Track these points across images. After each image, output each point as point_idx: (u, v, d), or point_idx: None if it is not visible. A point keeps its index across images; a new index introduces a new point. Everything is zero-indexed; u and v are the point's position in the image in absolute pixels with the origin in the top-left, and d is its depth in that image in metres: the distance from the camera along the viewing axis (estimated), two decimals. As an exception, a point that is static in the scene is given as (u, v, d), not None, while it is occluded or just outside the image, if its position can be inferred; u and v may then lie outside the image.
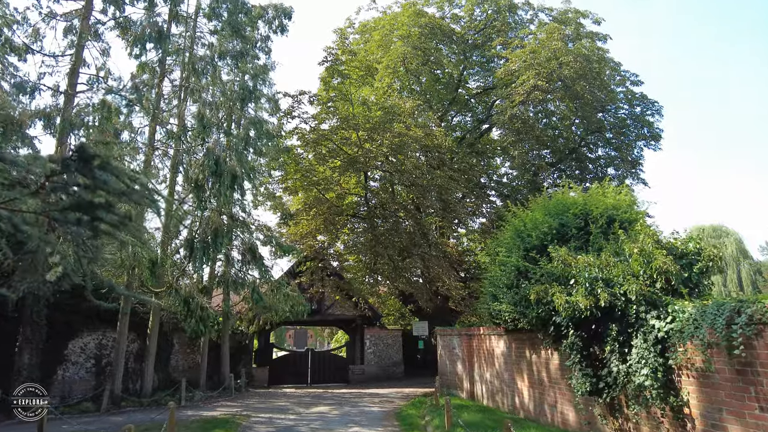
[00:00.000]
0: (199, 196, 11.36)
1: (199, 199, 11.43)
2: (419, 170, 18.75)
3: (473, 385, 14.69)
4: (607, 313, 7.49)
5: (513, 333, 11.78)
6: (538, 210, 11.01)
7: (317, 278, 19.40)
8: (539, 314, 8.98)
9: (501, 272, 11.19)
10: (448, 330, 16.93)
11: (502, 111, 23.29)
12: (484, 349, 13.91)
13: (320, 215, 19.01)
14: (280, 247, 15.61)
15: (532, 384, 10.86)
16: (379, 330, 23.40)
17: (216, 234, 11.40)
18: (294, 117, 18.25)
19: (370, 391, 18.43)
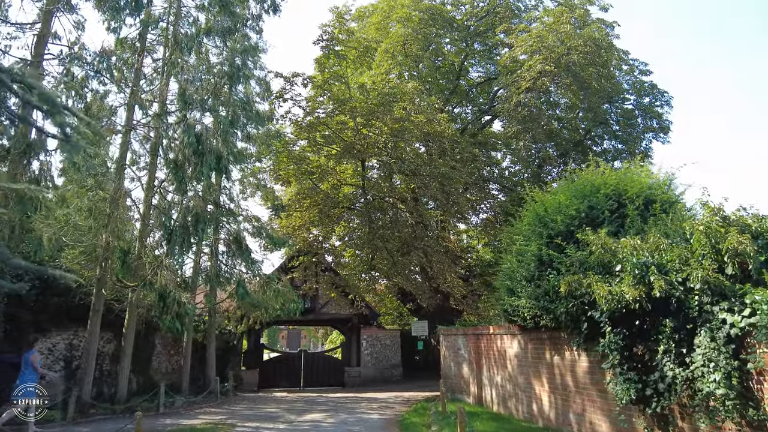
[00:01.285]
0: (178, 178, 10.04)
1: (179, 180, 10.10)
2: (420, 159, 17.49)
3: (481, 390, 13.42)
4: (658, 306, 6.23)
5: (530, 332, 10.52)
6: (561, 192, 9.77)
7: (311, 274, 18.09)
8: (569, 309, 7.72)
9: (518, 263, 9.94)
10: (453, 329, 15.66)
11: (507, 99, 22.05)
12: (495, 350, 12.64)
13: (314, 207, 17.69)
14: (270, 239, 14.27)
15: (554, 389, 9.60)
16: (377, 330, 22.08)
17: (197, 220, 10.07)
18: (286, 100, 16.96)
19: (367, 396, 17.12)
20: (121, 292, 13.62)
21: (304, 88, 17.31)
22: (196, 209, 10.20)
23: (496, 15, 26.21)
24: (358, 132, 16.75)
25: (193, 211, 10.16)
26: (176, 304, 9.56)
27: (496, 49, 27.37)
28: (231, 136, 12.85)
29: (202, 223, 10.09)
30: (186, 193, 10.40)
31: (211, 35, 14.98)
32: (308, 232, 18.19)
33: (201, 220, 10.10)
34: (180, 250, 10.01)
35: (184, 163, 10.11)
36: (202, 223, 10.10)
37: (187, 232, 10.01)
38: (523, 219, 10.69)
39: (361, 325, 21.47)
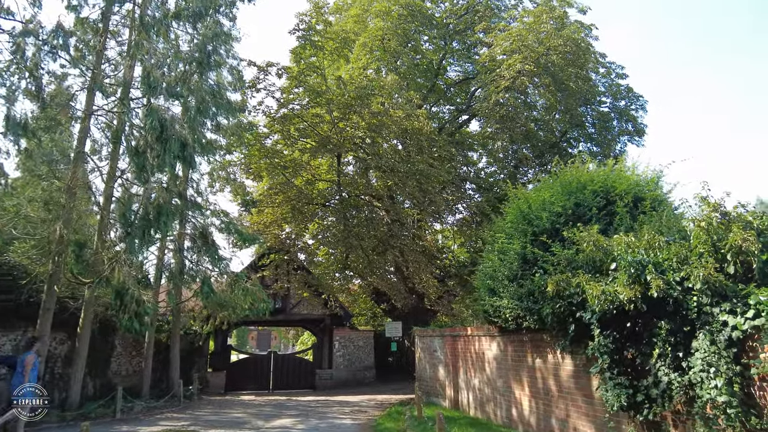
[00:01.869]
0: (138, 165, 9.26)
1: (139, 168, 9.32)
2: (398, 155, 17.00)
3: (458, 393, 13.00)
4: (654, 307, 5.87)
5: (510, 334, 10.13)
6: (546, 189, 9.40)
7: (282, 272, 17.38)
8: (556, 310, 7.31)
9: (501, 262, 9.53)
10: (429, 330, 15.21)
11: (485, 97, 21.77)
12: (472, 352, 12.23)
13: (287, 202, 17.00)
14: (239, 235, 13.53)
15: (535, 394, 9.21)
16: (350, 331, 21.50)
17: (160, 212, 9.31)
18: (259, 90, 16.20)
19: (339, 399, 16.53)
20: (77, 289, 12.70)
21: (278, 78, 16.60)
22: (159, 200, 9.45)
23: (476, 14, 25.98)
24: (334, 126, 16.14)
25: (156, 203, 9.39)
26: (135, 303, 8.79)
27: (474, 48, 27.16)
28: (199, 124, 12.10)
29: (164, 215, 9.34)
30: (148, 182, 9.62)
31: (181, 20, 14.17)
32: (280, 229, 17.49)
33: (164, 213, 9.34)
34: (140, 244, 9.24)
35: (146, 150, 9.34)
36: (165, 216, 9.35)
37: (148, 224, 9.23)
38: (505, 216, 10.31)
39: (334, 325, 20.86)
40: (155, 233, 9.51)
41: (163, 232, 9.75)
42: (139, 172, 9.49)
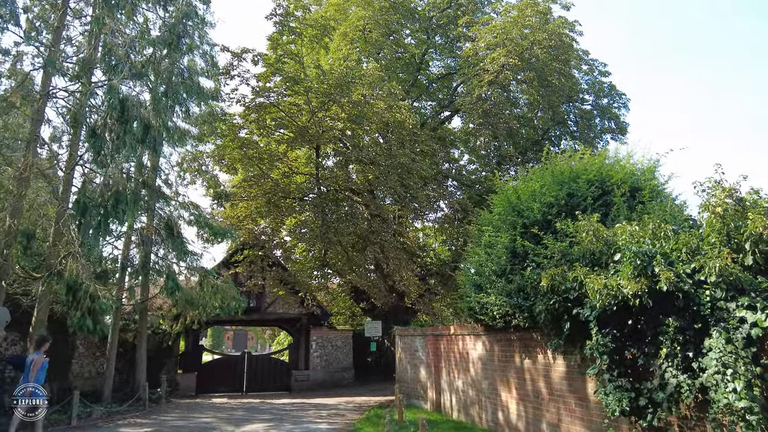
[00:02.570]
0: (95, 147, 8.41)
1: (96, 150, 8.46)
2: (379, 147, 16.35)
3: (440, 395, 12.41)
4: (660, 303, 5.34)
5: (497, 333, 9.58)
6: (536, 179, 8.87)
7: (257, 269, 16.56)
8: (550, 307, 6.75)
9: (488, 256, 8.96)
10: (410, 330, 14.60)
11: (468, 92, 21.28)
12: (456, 352, 11.66)
13: (262, 195, 16.19)
14: (210, 228, 12.71)
15: (524, 396, 8.66)
16: (328, 330, 20.76)
17: (118, 199, 8.49)
18: (233, 77, 15.36)
19: (315, 401, 15.79)
20: (30, 285, 11.74)
21: (254, 65, 15.80)
22: (118, 186, 8.62)
23: (459, 7, 25.50)
24: (312, 116, 15.41)
25: (114, 188, 8.57)
26: (89, 298, 7.96)
27: (458, 43, 26.64)
28: (166, 109, 11.23)
29: (123, 202, 8.51)
30: (106, 167, 8.77)
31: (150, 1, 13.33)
32: (255, 224, 16.66)
33: (123, 200, 8.51)
34: (95, 234, 8.40)
35: (104, 131, 8.50)
36: (124, 203, 8.52)
37: (105, 213, 8.41)
38: (493, 208, 9.74)
39: (311, 325, 20.11)
40: (113, 223, 8.67)
41: (121, 222, 8.91)
42: (96, 155, 8.63)
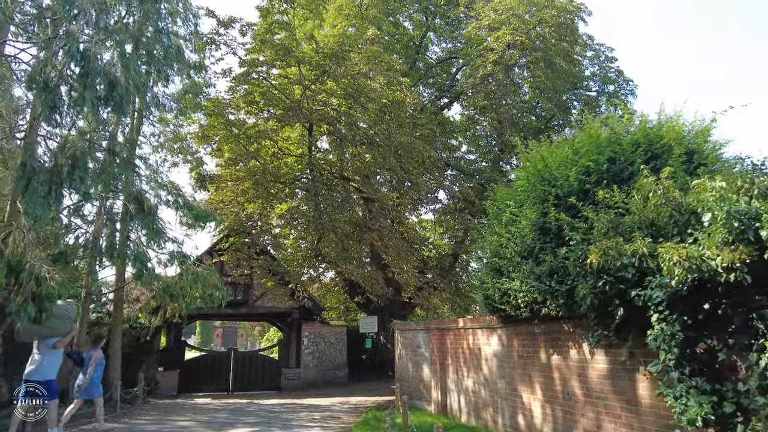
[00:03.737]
0: (47, 103, 7.04)
1: (49, 107, 7.09)
2: (378, 126, 15.04)
3: (446, 396, 11.17)
4: (761, 278, 4.10)
5: (516, 325, 8.35)
6: (564, 146, 7.62)
7: (243, 257, 15.20)
8: (598, 289, 5.49)
9: (510, 235, 7.70)
10: (412, 324, 13.34)
11: (472, 72, 20.02)
12: (465, 347, 10.41)
13: (250, 177, 14.83)
14: (190, 210, 11.32)
15: (551, 398, 7.42)
16: (320, 326, 19.44)
17: (75, 164, 7.13)
18: (220, 45, 13.98)
19: (307, 402, 14.49)
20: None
21: (242, 36, 14.43)
22: (75, 150, 7.27)
23: (460, -15, 24.25)
24: (305, 90, 14.07)
25: (70, 152, 7.21)
26: (33, 281, 6.62)
27: (459, 25, 25.41)
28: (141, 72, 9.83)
29: (81, 168, 7.16)
30: (61, 127, 7.41)
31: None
32: (241, 209, 15.29)
33: (81, 165, 7.16)
34: (44, 203, 7.03)
35: (59, 84, 7.15)
36: (82, 169, 7.16)
37: (57, 179, 7.05)
38: (515, 181, 8.48)
39: (303, 320, 18.78)
40: (70, 192, 7.32)
41: (78, 190, 7.54)
42: (48, 112, 7.26)
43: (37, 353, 8.33)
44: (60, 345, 8.45)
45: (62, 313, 8.35)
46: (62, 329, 8.42)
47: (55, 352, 8.39)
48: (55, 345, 8.36)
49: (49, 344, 8.32)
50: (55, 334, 8.34)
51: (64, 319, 8.43)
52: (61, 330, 8.40)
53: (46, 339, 8.32)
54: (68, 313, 8.59)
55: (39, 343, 8.38)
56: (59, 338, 8.40)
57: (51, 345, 8.33)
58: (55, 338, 8.36)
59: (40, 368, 8.22)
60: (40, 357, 8.26)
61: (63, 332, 8.45)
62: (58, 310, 8.18)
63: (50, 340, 8.32)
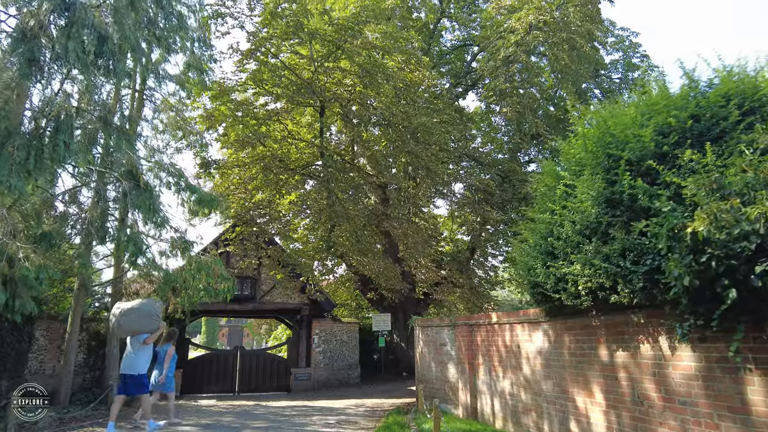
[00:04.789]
0: (24, 55, 6.00)
1: (27, 61, 6.05)
2: (395, 107, 13.94)
3: (477, 399, 10.05)
4: None
5: (567, 318, 7.23)
6: (632, 106, 6.50)
7: (251, 246, 14.13)
8: (700, 268, 4.36)
9: (565, 212, 6.58)
10: (435, 320, 12.23)
11: (492, 54, 18.89)
12: (500, 345, 9.29)
13: (258, 162, 13.77)
14: (193, 192, 10.24)
15: (616, 402, 6.29)
16: (332, 323, 18.34)
17: (58, 128, 6.08)
18: (226, 19, 12.93)
19: (320, 404, 13.41)
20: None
21: (250, 10, 13.38)
22: (59, 112, 6.22)
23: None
24: (318, 66, 12.99)
25: (53, 113, 6.17)
26: (6, 263, 5.55)
27: (475, 9, 24.29)
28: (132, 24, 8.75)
29: (65, 133, 6.10)
30: (38, 83, 6.36)
31: None
32: (249, 196, 14.20)
33: (64, 130, 6.11)
34: (21, 172, 5.97)
35: (39, 35, 6.11)
36: (66, 134, 6.11)
37: (38, 144, 5.99)
38: (564, 151, 7.34)
39: (313, 317, 17.68)
40: (52, 160, 6.27)
41: (62, 159, 6.45)
42: (27, 66, 6.20)
43: (130, 349, 8.97)
44: (149, 341, 9.06)
45: (151, 310, 9.04)
46: (151, 326, 9.03)
47: (145, 348, 8.99)
48: (145, 341, 8.97)
49: (140, 340, 8.92)
50: (144, 331, 8.98)
51: (152, 316, 9.05)
52: (150, 327, 9.01)
53: (137, 335, 8.97)
54: (156, 311, 9.19)
55: (131, 340, 9.04)
56: (148, 334, 9.01)
57: (141, 341, 8.92)
58: (145, 335, 8.98)
59: (133, 363, 8.82)
60: (133, 353, 8.88)
61: (151, 329, 9.03)
62: (148, 308, 9.02)
63: (141, 336, 8.95)
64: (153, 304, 9.26)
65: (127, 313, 8.84)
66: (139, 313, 8.85)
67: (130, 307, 8.93)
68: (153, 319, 9.00)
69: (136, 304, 9.06)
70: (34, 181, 6.50)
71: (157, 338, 9.48)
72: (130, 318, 8.81)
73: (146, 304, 9.06)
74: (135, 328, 8.87)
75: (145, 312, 8.88)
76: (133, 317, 8.81)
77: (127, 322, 8.76)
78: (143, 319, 8.85)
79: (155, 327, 9.07)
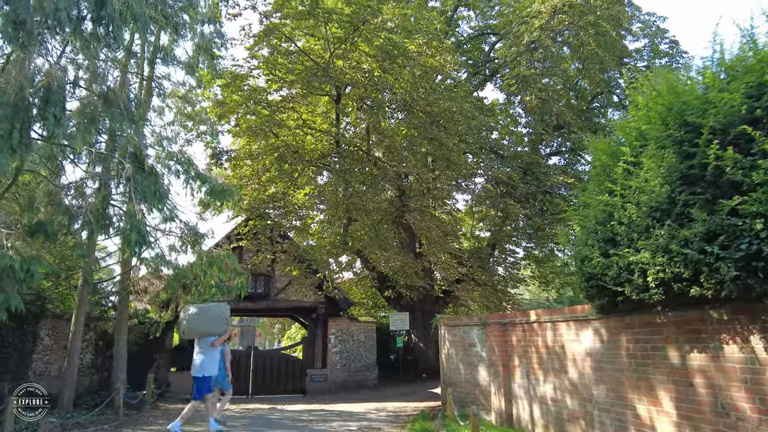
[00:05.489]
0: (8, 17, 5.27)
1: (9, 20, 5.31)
2: (415, 92, 13.12)
3: (512, 404, 9.20)
4: None
5: (625, 315, 6.37)
6: (707, 72, 5.60)
7: (265, 240, 13.38)
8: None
9: (628, 194, 5.71)
10: (463, 319, 11.43)
11: (515, 40, 17.99)
12: (540, 345, 8.44)
13: (272, 152, 13.02)
14: (203, 181, 9.51)
15: (690, 411, 5.42)
16: (349, 322, 17.55)
17: (48, 100, 5.36)
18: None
19: (338, 408, 12.64)
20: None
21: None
22: (50, 80, 5.51)
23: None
24: (335, 49, 12.22)
25: (43, 83, 5.46)
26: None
27: (491, 0, 23.36)
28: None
29: (56, 106, 5.37)
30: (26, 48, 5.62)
31: None
32: (262, 188, 13.46)
33: (54, 102, 5.38)
34: (5, 147, 5.23)
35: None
36: (57, 107, 5.39)
37: (26, 116, 5.27)
38: (624, 123, 6.46)
39: (329, 315, 16.90)
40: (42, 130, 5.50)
41: (52, 133, 5.69)
42: (12, 30, 5.46)
43: (198, 352, 8.99)
44: (217, 343, 9.13)
45: (220, 313, 9.19)
46: (220, 329, 9.15)
47: (212, 350, 9.03)
48: (213, 343, 9.01)
49: (208, 342, 8.97)
50: (213, 333, 9.05)
51: (222, 319, 9.20)
52: (218, 330, 9.12)
53: (205, 338, 9.00)
54: (225, 314, 9.29)
55: (199, 342, 9.04)
56: (216, 337, 9.08)
57: (209, 343, 8.97)
58: (213, 337, 9.03)
59: (202, 365, 8.84)
60: (201, 355, 8.91)
61: (220, 332, 9.14)
62: (218, 311, 9.18)
63: (208, 338, 8.99)
64: (222, 307, 9.42)
65: (197, 315, 8.99)
66: (208, 316, 9.01)
67: (200, 310, 9.10)
68: (222, 322, 9.17)
69: (205, 307, 9.27)
70: (20, 159, 5.77)
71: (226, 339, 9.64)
72: (200, 320, 8.96)
73: (216, 308, 9.27)
74: (203, 331, 8.97)
75: (214, 315, 9.07)
76: (202, 320, 8.98)
77: (196, 324, 8.91)
78: (212, 321, 9.02)
79: (223, 330, 9.21)
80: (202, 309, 9.14)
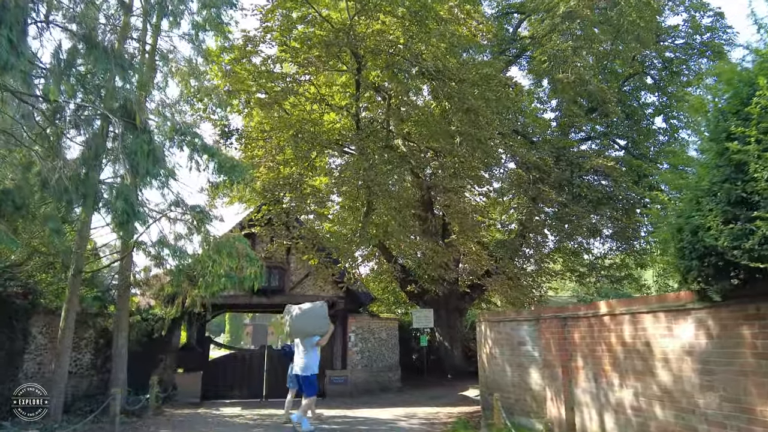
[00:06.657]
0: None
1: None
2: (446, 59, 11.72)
3: (576, 412, 7.76)
4: None
5: (746, 302, 4.93)
6: None
7: (280, 225, 12.06)
8: None
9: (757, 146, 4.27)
10: (510, 314, 10.04)
11: (550, 10, 16.50)
12: (614, 342, 7.00)
13: (286, 129, 11.69)
14: (211, 155, 8.20)
15: None
16: (369, 319, 16.18)
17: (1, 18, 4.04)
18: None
19: (362, 414, 11.26)
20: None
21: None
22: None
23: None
24: (360, 9, 10.86)
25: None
26: None
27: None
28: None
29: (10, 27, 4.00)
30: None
31: None
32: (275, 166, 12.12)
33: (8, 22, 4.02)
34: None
35: None
36: (12, 30, 4.00)
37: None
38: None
39: (349, 311, 15.55)
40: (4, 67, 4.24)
41: (4, 59, 4.40)
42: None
43: (302, 351, 9.08)
44: (322, 342, 9.34)
45: (323, 312, 9.35)
46: (323, 328, 9.26)
47: (316, 349, 9.16)
48: (318, 342, 9.19)
49: (312, 342, 9.07)
50: (317, 333, 9.17)
51: (325, 318, 9.31)
52: (322, 329, 9.24)
53: (309, 338, 9.08)
54: (325, 312, 9.42)
55: (304, 341, 9.10)
56: (320, 337, 9.22)
57: (313, 343, 9.09)
58: (317, 337, 9.17)
59: (305, 365, 9.00)
60: (304, 355, 9.02)
61: (323, 331, 9.27)
62: (321, 310, 9.36)
63: (313, 338, 9.11)
64: (323, 306, 9.60)
65: (301, 316, 9.05)
66: (312, 315, 9.07)
67: (302, 311, 9.18)
68: (325, 319, 9.25)
69: (310, 306, 9.41)
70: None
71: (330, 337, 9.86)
72: (305, 320, 9.01)
73: (319, 307, 9.43)
74: (308, 331, 9.05)
75: (318, 314, 9.18)
76: (307, 319, 9.03)
77: (302, 324, 8.98)
78: (317, 320, 9.12)
79: (326, 329, 9.30)
80: (303, 309, 9.23)
